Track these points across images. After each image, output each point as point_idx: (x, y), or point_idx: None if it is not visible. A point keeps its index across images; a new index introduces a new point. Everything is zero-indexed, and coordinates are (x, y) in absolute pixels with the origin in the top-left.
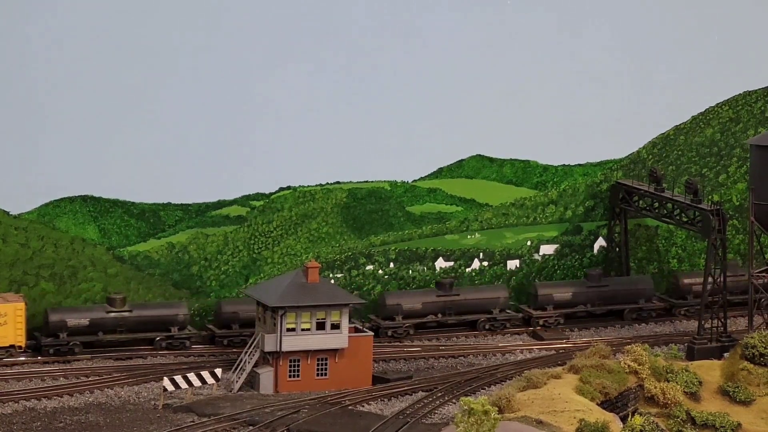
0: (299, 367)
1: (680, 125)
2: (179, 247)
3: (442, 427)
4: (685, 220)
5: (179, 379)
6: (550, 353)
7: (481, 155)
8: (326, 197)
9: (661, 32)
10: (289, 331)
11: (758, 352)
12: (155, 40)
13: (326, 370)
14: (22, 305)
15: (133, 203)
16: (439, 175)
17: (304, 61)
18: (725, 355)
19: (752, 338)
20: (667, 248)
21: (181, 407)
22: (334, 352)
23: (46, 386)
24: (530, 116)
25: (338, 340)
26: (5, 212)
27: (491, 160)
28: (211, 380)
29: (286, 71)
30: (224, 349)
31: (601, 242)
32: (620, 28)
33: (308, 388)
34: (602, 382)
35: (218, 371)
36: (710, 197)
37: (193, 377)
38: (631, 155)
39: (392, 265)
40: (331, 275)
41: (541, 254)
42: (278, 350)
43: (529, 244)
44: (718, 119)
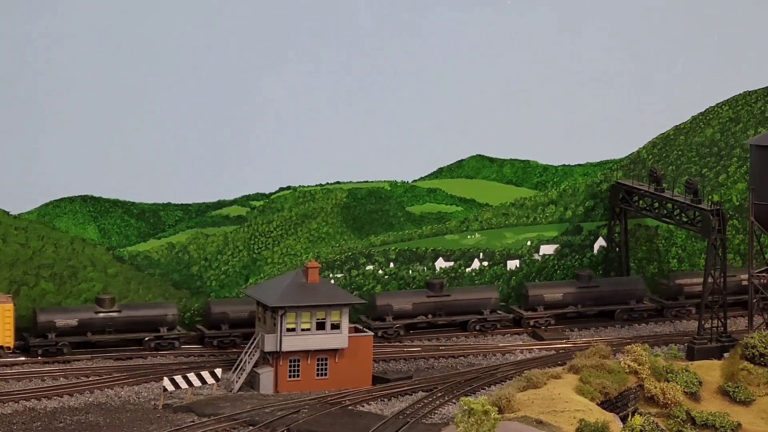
0: (299, 367)
1: (680, 125)
2: (179, 247)
3: (442, 427)
4: (685, 220)
5: (179, 379)
6: (550, 353)
7: (481, 155)
8: (326, 197)
9: (661, 32)
10: (289, 331)
11: (758, 352)
12: (155, 40)
13: (326, 370)
14: (10, 306)
15: (133, 203)
16: (439, 175)
17: (304, 61)
18: (725, 355)
19: (752, 338)
20: (667, 248)
21: (181, 407)
22: (334, 352)
23: (46, 386)
24: (530, 116)
25: (338, 340)
26: (5, 212)
27: (491, 160)
28: (211, 380)
29: (286, 71)
30: (213, 349)
31: (601, 242)
32: (620, 28)
33: (308, 388)
34: (602, 382)
35: (218, 371)
36: (710, 197)
37: (193, 377)
38: (631, 155)
39: (392, 265)
40: (331, 275)
41: (541, 254)
42: (278, 350)
43: (529, 244)
44: (718, 119)
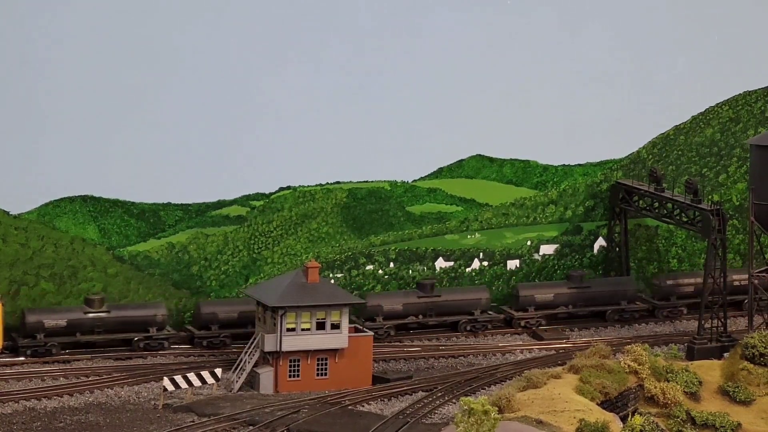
0: (299, 367)
1: (680, 125)
2: (179, 247)
3: (442, 427)
4: (685, 220)
5: (179, 379)
6: (550, 353)
7: (481, 155)
8: (326, 197)
9: (661, 32)
10: (289, 331)
11: (758, 352)
12: (155, 40)
13: (326, 370)
14: None
15: (133, 203)
16: (439, 175)
17: (304, 61)
18: (725, 355)
19: (752, 338)
20: (667, 248)
21: (181, 407)
22: (334, 352)
23: (46, 386)
24: (530, 116)
25: (338, 340)
26: (5, 212)
27: (491, 160)
28: (211, 380)
29: (286, 71)
30: (203, 350)
31: (601, 242)
32: (620, 27)
33: (308, 388)
34: (602, 382)
35: (218, 371)
36: (710, 197)
37: (193, 377)
38: (631, 155)
39: (392, 265)
40: (331, 275)
41: (541, 254)
42: (278, 350)
43: (529, 244)
44: (718, 119)
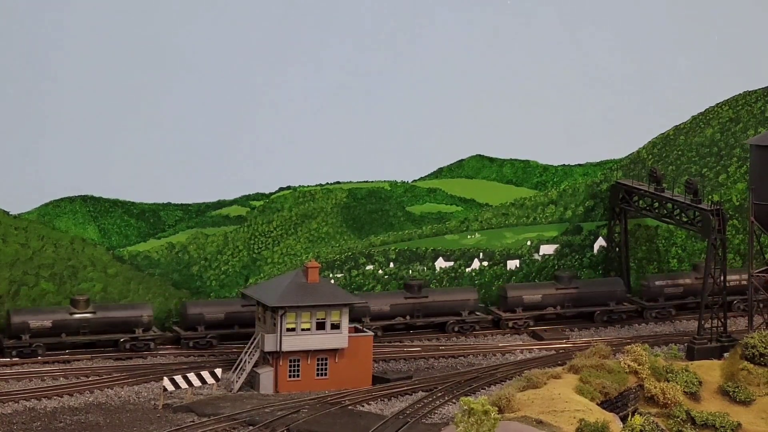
0: (299, 367)
1: (680, 125)
2: (179, 247)
3: (442, 427)
4: (685, 220)
5: (179, 379)
6: (550, 353)
7: (481, 155)
8: (326, 197)
9: (661, 32)
10: (289, 331)
11: (758, 352)
12: (155, 40)
13: (326, 370)
14: None
15: (133, 203)
16: (439, 175)
17: (304, 61)
18: (725, 355)
19: (752, 338)
20: (667, 248)
21: (181, 407)
22: (334, 352)
23: (46, 386)
24: (530, 116)
25: (338, 340)
26: (5, 212)
27: (491, 160)
28: (211, 380)
29: (286, 71)
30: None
31: (601, 242)
32: (620, 28)
33: (308, 388)
34: (602, 382)
35: (218, 371)
36: (710, 197)
37: (193, 377)
38: (631, 155)
39: (392, 265)
40: (331, 275)
41: (541, 254)
42: (278, 350)
43: (529, 244)
44: (718, 119)
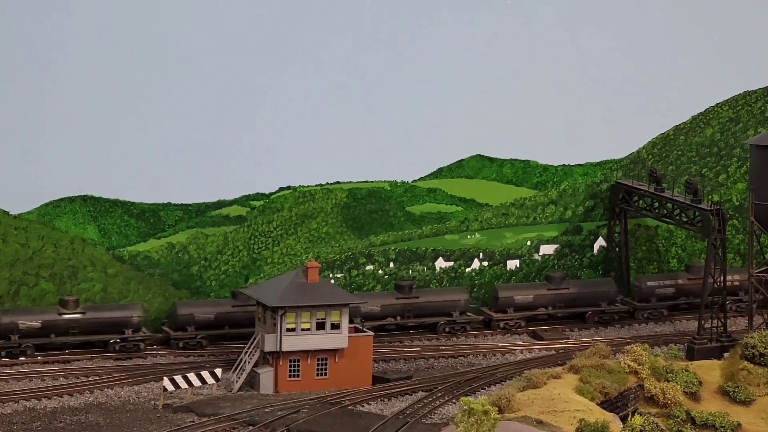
0: (299, 367)
1: (680, 125)
2: (179, 247)
3: (442, 427)
4: (685, 220)
5: (179, 379)
6: (550, 353)
7: (481, 155)
8: (326, 197)
9: (661, 32)
10: (289, 331)
11: (758, 352)
12: (155, 40)
13: (326, 370)
14: None
15: (133, 203)
16: (439, 175)
17: (304, 61)
18: (725, 355)
19: (752, 338)
20: (667, 248)
21: (181, 407)
22: (334, 352)
23: (46, 386)
24: (530, 116)
25: (338, 340)
26: (5, 212)
27: (491, 160)
28: (211, 380)
29: (286, 71)
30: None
31: (601, 242)
32: (620, 28)
33: (308, 388)
34: (602, 382)
35: (218, 371)
36: (710, 197)
37: (193, 377)
38: (631, 155)
39: (392, 265)
40: (331, 275)
41: (541, 254)
42: (278, 350)
43: (529, 244)
44: (718, 119)
